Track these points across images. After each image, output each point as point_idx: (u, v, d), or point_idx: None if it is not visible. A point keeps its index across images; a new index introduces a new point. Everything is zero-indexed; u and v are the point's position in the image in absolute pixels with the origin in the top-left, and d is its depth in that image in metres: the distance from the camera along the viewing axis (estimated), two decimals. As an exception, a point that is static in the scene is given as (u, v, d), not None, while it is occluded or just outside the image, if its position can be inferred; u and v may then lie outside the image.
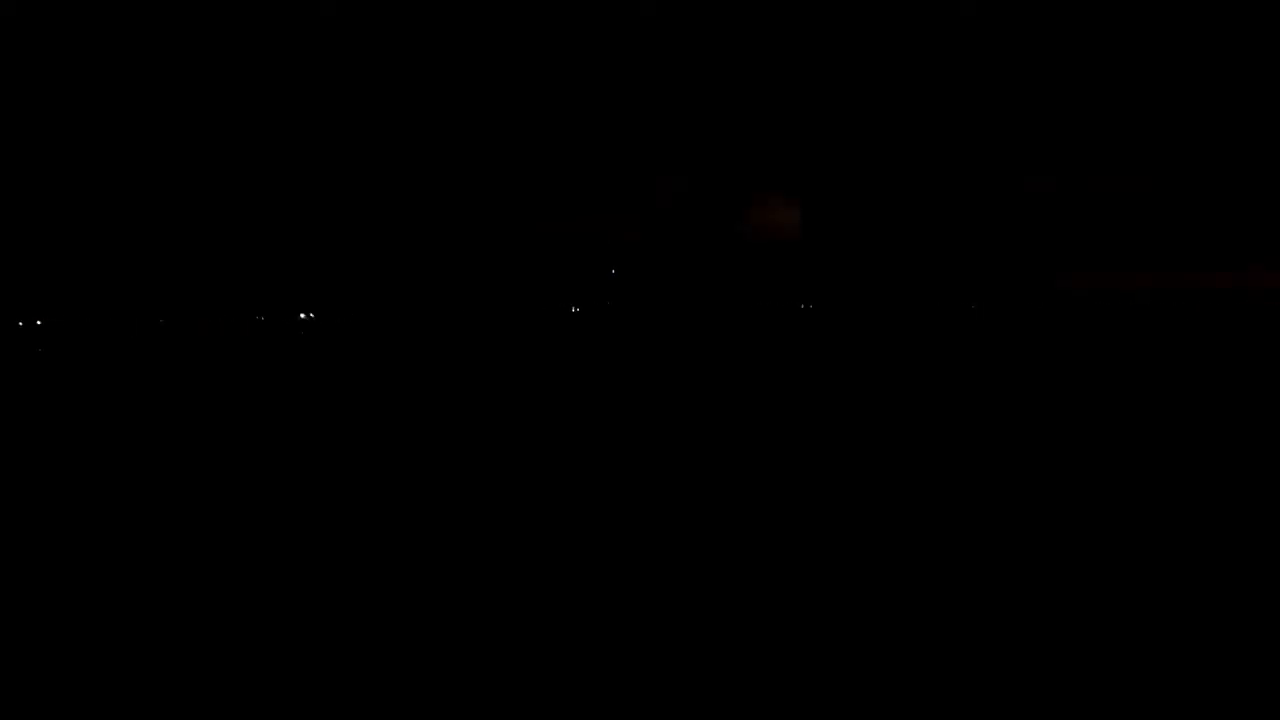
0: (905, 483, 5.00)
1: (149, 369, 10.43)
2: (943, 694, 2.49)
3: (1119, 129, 11.31)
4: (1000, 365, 10.23)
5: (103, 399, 8.61)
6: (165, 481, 5.24)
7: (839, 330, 11.69)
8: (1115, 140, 11.37)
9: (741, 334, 11.77)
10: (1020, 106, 11.34)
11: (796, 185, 11.90)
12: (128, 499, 4.81)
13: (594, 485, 5.07)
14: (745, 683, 2.57)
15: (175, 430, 6.94)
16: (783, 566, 3.61)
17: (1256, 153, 11.10)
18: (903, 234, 11.79)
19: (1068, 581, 3.39)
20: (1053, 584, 3.36)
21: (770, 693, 2.51)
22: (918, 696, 2.47)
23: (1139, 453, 5.75)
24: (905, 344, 11.32)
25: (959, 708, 2.42)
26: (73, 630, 3.01)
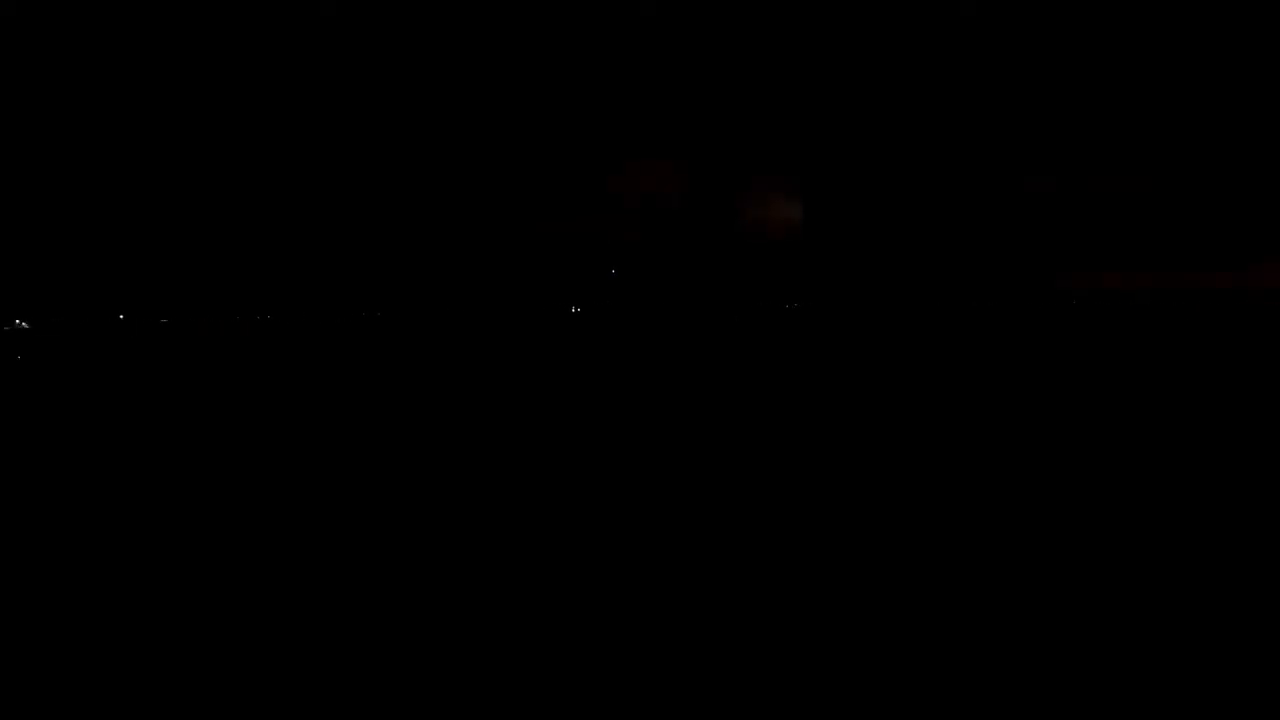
0: (905, 481, 5.01)
1: (148, 369, 10.43)
2: (943, 694, 2.49)
3: (1119, 129, 11.33)
4: (1000, 365, 10.23)
5: (101, 399, 8.62)
6: (164, 481, 5.24)
7: (838, 329, 11.68)
8: (1115, 140, 11.39)
9: (741, 333, 11.77)
10: (1020, 106, 11.35)
11: (798, 185, 11.92)
12: (126, 498, 4.82)
13: (593, 484, 5.08)
14: (744, 682, 2.57)
15: (174, 430, 6.95)
16: (783, 566, 3.62)
17: (1256, 153, 11.11)
18: (903, 234, 11.80)
19: (1067, 581, 3.40)
20: (1052, 584, 3.37)
21: (769, 693, 2.51)
22: (918, 696, 2.48)
23: (1139, 452, 5.76)
24: (904, 343, 11.33)
25: (959, 708, 2.42)
26: (70, 630, 3.01)
